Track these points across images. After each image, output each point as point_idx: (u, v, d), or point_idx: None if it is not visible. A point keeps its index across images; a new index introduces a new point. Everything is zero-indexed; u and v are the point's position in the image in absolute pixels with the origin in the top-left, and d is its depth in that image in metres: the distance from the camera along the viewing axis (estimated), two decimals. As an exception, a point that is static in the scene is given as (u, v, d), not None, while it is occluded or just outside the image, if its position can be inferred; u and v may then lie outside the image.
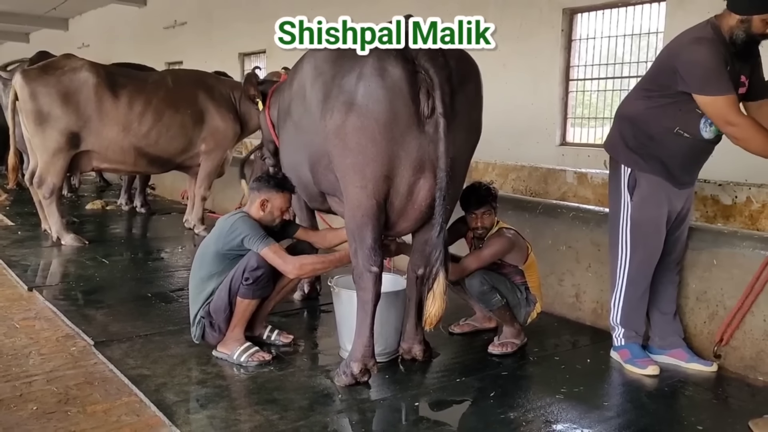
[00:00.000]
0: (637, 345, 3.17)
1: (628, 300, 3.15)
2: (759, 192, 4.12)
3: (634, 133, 3.07)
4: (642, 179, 3.04)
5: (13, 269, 4.71)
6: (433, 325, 2.74)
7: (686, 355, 3.17)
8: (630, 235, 3.09)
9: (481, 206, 3.28)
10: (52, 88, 5.29)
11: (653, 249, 3.09)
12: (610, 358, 3.26)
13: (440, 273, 2.69)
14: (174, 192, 8.26)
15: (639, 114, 3.06)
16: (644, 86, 3.11)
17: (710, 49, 2.82)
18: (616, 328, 3.21)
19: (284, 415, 2.59)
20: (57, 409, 2.63)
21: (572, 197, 5.07)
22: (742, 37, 2.83)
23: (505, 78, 7.20)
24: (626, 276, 3.13)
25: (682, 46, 2.92)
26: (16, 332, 3.51)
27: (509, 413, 2.66)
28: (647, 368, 3.08)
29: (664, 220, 3.07)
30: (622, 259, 3.13)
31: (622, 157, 3.12)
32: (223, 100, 5.95)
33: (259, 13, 10.90)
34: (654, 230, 3.07)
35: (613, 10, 6.70)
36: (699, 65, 2.83)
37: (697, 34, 2.90)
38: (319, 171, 3.03)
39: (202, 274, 3.17)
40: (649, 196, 3.04)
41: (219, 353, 3.15)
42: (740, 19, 2.82)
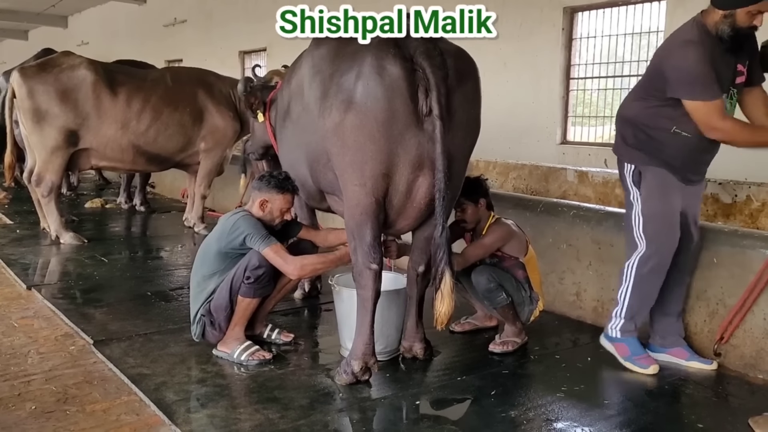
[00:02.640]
0: (635, 340, 3.13)
1: (636, 293, 3.08)
2: (759, 190, 4.12)
3: (634, 133, 3.07)
4: (646, 172, 3.02)
5: (12, 268, 4.70)
6: (444, 324, 2.75)
7: (687, 354, 3.15)
8: (644, 231, 3.02)
9: (468, 197, 3.26)
10: (50, 86, 5.27)
11: (667, 243, 3.01)
12: (610, 356, 3.21)
13: (446, 272, 2.69)
14: (174, 190, 8.24)
15: (636, 116, 3.07)
16: (640, 88, 3.12)
17: (696, 52, 2.81)
18: (615, 318, 3.14)
19: (285, 413, 2.58)
20: (56, 408, 2.62)
21: (573, 196, 5.08)
22: (728, 32, 2.81)
23: (505, 77, 7.20)
24: (635, 269, 3.05)
25: (670, 50, 2.94)
26: (15, 331, 3.50)
27: (510, 412, 2.66)
28: (649, 368, 3.05)
29: (677, 213, 3.02)
30: (637, 255, 3.05)
31: (624, 155, 3.12)
32: (222, 98, 5.93)
33: (259, 10, 10.88)
34: (665, 223, 3.01)
35: (613, 8, 6.69)
36: (684, 70, 2.84)
37: (684, 36, 2.90)
38: (317, 169, 3.02)
39: (204, 273, 3.16)
40: (656, 187, 3.00)
41: (219, 352, 3.14)
42: (724, 14, 2.81)
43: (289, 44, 3.33)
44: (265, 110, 4.03)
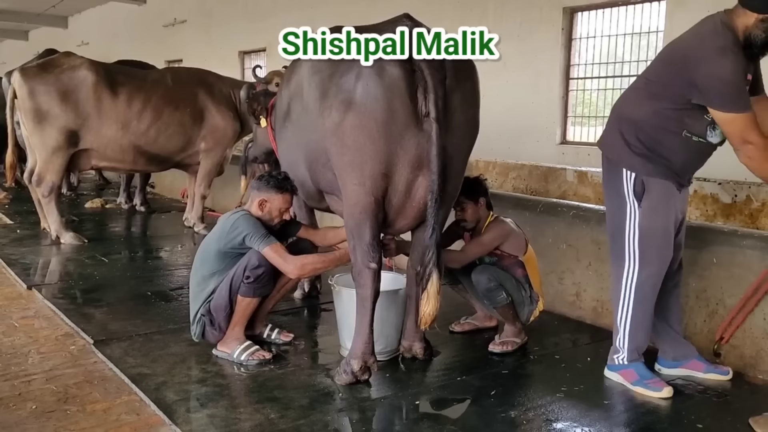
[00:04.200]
0: (641, 365, 2.92)
1: (636, 319, 2.86)
2: (759, 190, 4.11)
3: (638, 135, 2.81)
4: (652, 184, 2.79)
5: (12, 268, 4.71)
6: (428, 325, 2.76)
7: (703, 366, 2.99)
8: (638, 247, 2.81)
9: (468, 196, 3.26)
10: (50, 86, 5.28)
11: (665, 260, 2.85)
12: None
13: (434, 273, 2.70)
14: (173, 190, 8.25)
15: (645, 117, 2.80)
16: (651, 89, 2.83)
17: (734, 62, 2.56)
18: (620, 351, 2.93)
19: (285, 413, 2.59)
20: (56, 408, 2.62)
21: (572, 196, 5.08)
22: (761, 38, 2.55)
23: (505, 77, 7.19)
24: (634, 292, 2.84)
25: (704, 58, 2.61)
26: (15, 331, 3.50)
27: (510, 412, 2.66)
28: (662, 390, 2.83)
29: (674, 227, 2.87)
30: (630, 274, 2.84)
31: (624, 160, 2.85)
32: (223, 98, 5.94)
33: (259, 11, 10.88)
34: (665, 240, 2.83)
35: (613, 8, 6.69)
36: (722, 80, 2.57)
37: (718, 42, 2.59)
38: (317, 169, 3.03)
39: (204, 273, 3.17)
40: (660, 203, 2.80)
41: (219, 352, 3.14)
42: (760, 18, 2.54)
43: (288, 44, 3.34)
44: (268, 116, 4.03)
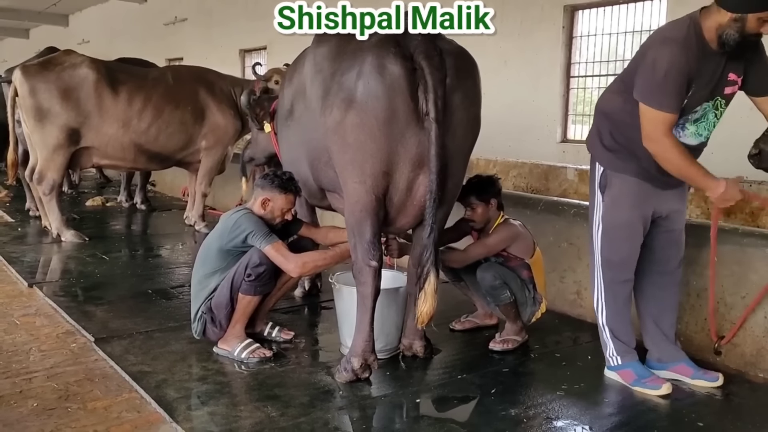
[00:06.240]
0: (637, 363, 2.94)
1: (609, 305, 2.93)
2: (759, 189, 4.11)
3: (611, 130, 2.84)
4: (614, 179, 2.83)
5: (13, 265, 4.71)
6: (425, 324, 2.77)
7: (691, 371, 2.95)
8: (601, 240, 2.89)
9: (479, 197, 3.26)
10: (51, 85, 5.28)
11: (625, 255, 2.87)
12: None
13: (431, 273, 2.70)
14: (174, 188, 8.25)
15: (616, 111, 2.81)
16: (621, 81, 2.84)
17: (671, 54, 2.53)
18: (607, 345, 2.96)
19: (285, 411, 2.59)
20: (57, 405, 2.62)
21: (573, 194, 5.08)
22: (734, 38, 2.51)
23: (505, 75, 7.20)
24: (604, 292, 2.92)
25: (651, 46, 2.66)
26: (16, 329, 3.51)
27: (510, 410, 2.66)
28: (661, 388, 2.84)
29: (640, 224, 2.84)
30: (598, 271, 2.92)
31: (597, 154, 2.91)
32: (223, 96, 5.94)
33: (260, 9, 10.86)
34: (625, 235, 2.85)
35: (614, 7, 6.69)
36: (653, 68, 2.56)
37: (668, 33, 2.65)
38: (318, 167, 3.03)
39: (205, 271, 3.17)
40: (620, 197, 2.82)
41: (220, 350, 3.15)
42: (733, 18, 2.49)
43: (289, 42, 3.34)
44: (271, 120, 4.02)
